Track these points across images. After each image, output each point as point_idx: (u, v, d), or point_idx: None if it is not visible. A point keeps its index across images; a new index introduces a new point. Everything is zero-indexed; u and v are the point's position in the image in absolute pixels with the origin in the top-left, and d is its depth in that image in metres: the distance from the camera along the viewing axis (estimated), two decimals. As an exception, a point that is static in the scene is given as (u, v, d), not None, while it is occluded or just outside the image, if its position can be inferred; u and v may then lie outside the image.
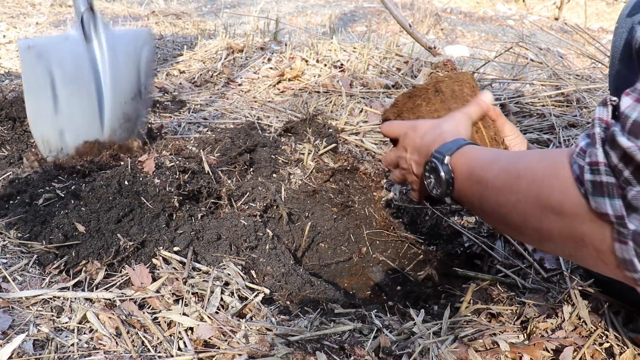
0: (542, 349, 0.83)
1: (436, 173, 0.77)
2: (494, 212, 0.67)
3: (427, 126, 0.86)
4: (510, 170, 0.64)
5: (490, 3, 7.37)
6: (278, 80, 2.10)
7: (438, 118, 0.93)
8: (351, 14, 5.46)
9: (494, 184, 0.65)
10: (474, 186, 0.70)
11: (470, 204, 0.75)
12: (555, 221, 0.55)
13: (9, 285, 0.84)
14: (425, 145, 0.83)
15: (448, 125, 0.84)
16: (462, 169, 0.73)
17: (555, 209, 0.55)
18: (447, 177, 0.75)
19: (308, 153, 1.50)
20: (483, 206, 0.70)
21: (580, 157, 0.52)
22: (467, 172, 0.72)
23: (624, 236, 0.48)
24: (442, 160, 0.75)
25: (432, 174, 0.79)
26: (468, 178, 0.72)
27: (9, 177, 1.19)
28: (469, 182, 0.72)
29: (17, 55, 2.43)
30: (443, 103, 0.94)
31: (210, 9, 5.01)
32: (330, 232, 1.37)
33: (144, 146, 1.40)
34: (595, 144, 0.50)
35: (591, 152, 0.50)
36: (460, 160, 0.74)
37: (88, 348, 0.75)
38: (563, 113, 1.88)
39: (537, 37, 3.80)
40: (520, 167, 0.62)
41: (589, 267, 0.59)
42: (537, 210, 0.58)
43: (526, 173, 0.60)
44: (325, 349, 0.78)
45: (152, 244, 1.01)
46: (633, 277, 0.49)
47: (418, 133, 0.86)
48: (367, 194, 1.47)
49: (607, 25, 6.73)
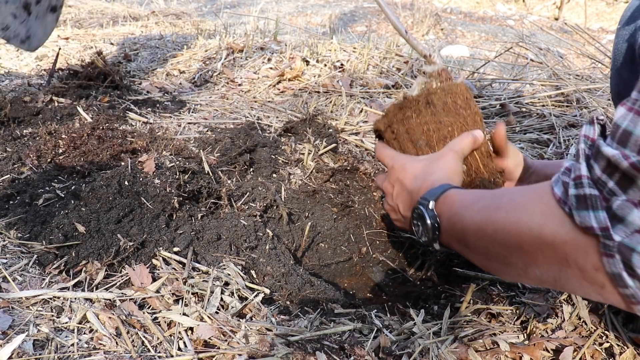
0: (542, 349, 0.83)
1: (422, 219, 0.76)
2: (477, 248, 0.67)
3: (418, 169, 0.85)
4: (490, 206, 0.64)
5: (490, 3, 7.37)
6: (278, 80, 2.10)
7: (427, 133, 0.91)
8: (351, 14, 5.45)
9: (474, 220, 0.65)
10: (457, 226, 0.70)
11: (457, 246, 0.74)
12: (537, 245, 0.55)
13: (9, 285, 0.84)
14: (415, 189, 0.82)
15: (438, 172, 0.83)
16: (447, 213, 0.73)
17: (535, 232, 0.54)
18: (432, 222, 0.74)
19: (308, 153, 1.50)
20: (467, 245, 0.69)
21: (566, 175, 0.52)
22: (451, 215, 0.72)
23: (609, 249, 0.46)
24: (427, 205, 0.75)
25: (419, 220, 0.78)
26: (450, 221, 0.72)
27: (9, 177, 1.19)
28: (452, 224, 0.71)
29: (17, 55, 2.43)
30: (434, 116, 0.91)
31: (210, 9, 5.01)
32: (330, 232, 1.37)
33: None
34: (579, 159, 0.51)
35: (575, 167, 0.50)
36: (444, 204, 0.74)
37: (88, 348, 0.75)
38: (563, 113, 1.88)
39: (537, 37, 3.80)
40: (502, 200, 0.62)
41: (574, 290, 0.58)
42: (516, 236, 0.57)
43: (507, 205, 0.60)
44: (325, 349, 0.78)
45: (152, 244, 1.01)
46: (625, 293, 0.48)
47: (408, 174, 0.86)
48: (367, 194, 1.47)
49: (607, 25, 6.73)
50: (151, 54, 2.58)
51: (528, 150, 1.63)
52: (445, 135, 0.91)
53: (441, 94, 0.91)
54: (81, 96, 1.72)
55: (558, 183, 0.53)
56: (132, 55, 2.54)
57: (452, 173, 0.83)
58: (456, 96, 0.92)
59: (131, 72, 2.26)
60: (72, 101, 1.66)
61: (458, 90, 0.92)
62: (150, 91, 1.95)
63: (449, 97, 0.92)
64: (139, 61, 2.47)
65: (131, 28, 3.27)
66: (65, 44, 2.61)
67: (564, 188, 0.51)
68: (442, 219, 0.74)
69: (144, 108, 1.71)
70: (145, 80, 2.12)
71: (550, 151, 1.60)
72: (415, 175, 0.84)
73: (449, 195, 0.75)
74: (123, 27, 3.33)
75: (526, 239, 0.56)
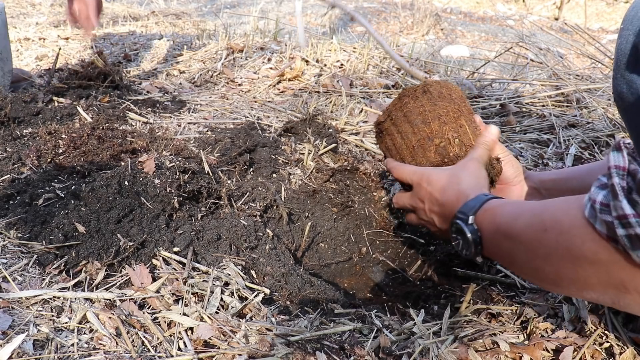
0: (542, 349, 0.83)
1: (462, 234, 0.75)
2: (527, 267, 0.66)
3: (444, 179, 0.85)
4: (535, 224, 0.63)
5: (490, 3, 7.37)
6: (278, 81, 2.10)
7: (423, 113, 0.94)
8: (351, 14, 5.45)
9: (522, 239, 0.64)
10: (503, 243, 0.69)
11: (502, 260, 0.74)
12: (591, 270, 0.54)
13: (9, 285, 0.84)
14: (449, 202, 0.82)
15: (466, 179, 0.82)
16: (488, 227, 0.72)
17: (589, 259, 0.53)
18: (473, 237, 0.73)
19: (308, 153, 1.50)
20: (515, 262, 0.69)
21: (606, 213, 0.49)
22: (493, 230, 0.71)
23: None
24: (467, 220, 0.74)
25: (458, 235, 0.77)
26: (495, 236, 0.71)
27: (9, 177, 1.19)
28: (497, 240, 0.70)
29: (17, 55, 2.43)
30: (429, 100, 0.95)
31: (210, 9, 5.01)
32: (330, 232, 1.37)
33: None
34: (618, 196, 0.47)
35: (616, 206, 0.48)
36: (485, 218, 0.73)
37: (88, 348, 0.75)
38: (563, 113, 1.88)
39: (537, 37, 3.80)
40: (545, 218, 0.61)
41: (636, 312, 0.57)
42: (570, 261, 0.56)
43: (553, 225, 0.59)
44: (325, 349, 0.78)
45: (152, 244, 1.01)
46: None
47: (435, 186, 0.85)
48: (367, 194, 1.47)
49: (607, 25, 6.73)
50: (151, 54, 2.58)
51: (528, 150, 1.63)
52: (440, 114, 0.94)
53: (437, 86, 0.97)
54: (81, 96, 1.72)
55: (596, 219, 0.50)
56: (132, 55, 2.54)
57: (481, 179, 0.83)
58: (451, 90, 0.97)
59: (131, 72, 2.26)
60: (72, 101, 1.66)
61: (453, 87, 0.98)
62: (150, 91, 1.95)
63: (444, 88, 0.97)
64: (139, 61, 2.47)
65: (131, 28, 3.27)
66: (65, 44, 2.61)
67: (607, 226, 0.49)
68: (484, 234, 0.73)
69: (144, 108, 1.71)
70: (145, 80, 2.12)
71: (550, 151, 1.60)
72: (443, 186, 0.84)
73: (489, 208, 0.73)
74: (123, 27, 3.33)
75: (580, 264, 0.54)
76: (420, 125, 0.95)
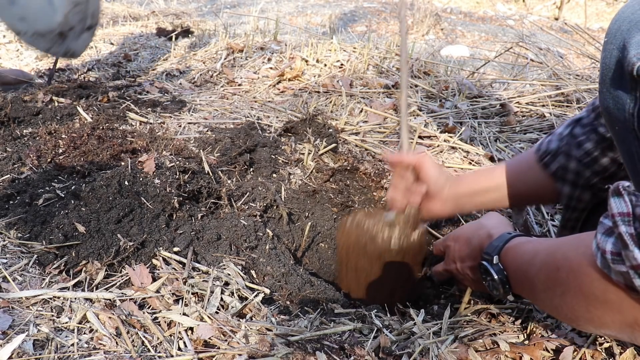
0: (542, 349, 0.83)
1: (489, 275, 0.77)
2: (548, 305, 0.67)
3: (470, 231, 0.88)
4: (549, 263, 0.64)
5: (490, 3, 7.37)
6: (278, 80, 2.10)
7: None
8: (351, 14, 5.45)
9: (539, 279, 0.65)
10: (524, 283, 0.71)
11: (528, 298, 0.75)
12: (603, 309, 0.54)
13: (9, 285, 0.84)
14: (476, 248, 0.84)
15: (489, 222, 0.85)
16: (512, 267, 0.73)
17: (600, 298, 0.53)
18: (499, 277, 0.74)
19: (308, 153, 1.50)
20: (537, 300, 0.70)
21: (619, 263, 0.48)
22: (515, 269, 0.72)
23: None
24: (492, 260, 0.75)
25: (486, 276, 0.78)
26: (517, 275, 0.72)
27: (9, 177, 1.19)
28: (519, 279, 0.72)
29: (17, 55, 2.43)
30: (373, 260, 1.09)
31: (210, 9, 5.01)
32: (330, 232, 1.37)
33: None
34: (628, 246, 0.46)
35: (628, 255, 0.47)
36: (508, 258, 0.74)
37: (88, 348, 0.75)
38: (563, 113, 1.88)
39: (537, 37, 3.80)
40: (557, 257, 0.61)
41: None
42: (583, 300, 0.56)
43: (564, 264, 0.59)
44: (325, 349, 0.78)
45: (152, 244, 1.01)
46: None
47: (461, 241, 0.88)
48: (367, 194, 1.47)
49: (607, 25, 6.72)
50: (151, 54, 2.58)
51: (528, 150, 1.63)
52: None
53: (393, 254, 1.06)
54: (81, 96, 1.72)
55: (611, 270, 0.50)
56: (132, 55, 2.54)
57: (503, 219, 0.85)
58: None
59: (131, 72, 2.26)
60: (72, 101, 1.65)
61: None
62: (150, 91, 1.95)
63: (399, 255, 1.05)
64: (139, 61, 2.47)
65: (131, 28, 3.27)
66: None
67: (624, 277, 0.48)
68: (510, 273, 0.74)
69: (144, 108, 1.71)
70: (145, 80, 2.12)
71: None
72: (470, 236, 0.87)
73: (510, 248, 0.75)
74: (123, 27, 3.33)
75: (592, 303, 0.55)
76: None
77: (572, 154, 0.87)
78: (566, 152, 0.88)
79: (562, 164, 0.89)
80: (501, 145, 1.63)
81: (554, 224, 1.29)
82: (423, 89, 2.06)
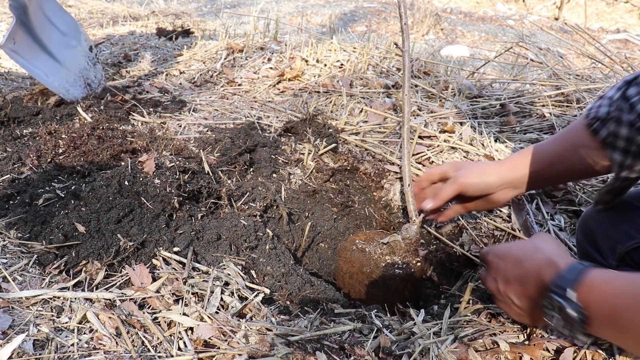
0: (542, 349, 0.83)
1: (562, 312, 0.68)
2: None
3: (521, 253, 0.78)
4: None
5: (490, 3, 7.37)
6: (278, 80, 2.10)
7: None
8: (351, 14, 5.46)
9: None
10: (620, 322, 0.63)
11: (616, 339, 0.68)
12: None
13: (9, 285, 0.84)
14: (531, 274, 0.74)
15: (544, 245, 0.76)
16: (600, 308, 0.65)
17: None
18: (578, 315, 0.66)
19: (308, 153, 1.49)
20: (629, 343, 0.63)
21: None
22: (608, 312, 0.64)
23: None
24: (565, 295, 0.67)
25: (554, 311, 0.70)
26: (610, 317, 0.64)
27: (9, 177, 1.19)
28: (613, 321, 0.64)
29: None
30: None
31: (210, 9, 5.01)
32: (330, 232, 1.37)
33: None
34: None
35: None
36: (592, 296, 0.66)
37: (88, 348, 0.75)
38: (563, 113, 1.88)
39: (537, 37, 3.80)
40: None
41: None
42: None
43: None
44: (325, 349, 0.78)
45: (152, 244, 1.01)
46: None
47: (509, 261, 0.79)
48: (367, 194, 1.47)
49: (607, 25, 6.73)
50: (151, 54, 2.58)
51: (528, 150, 1.63)
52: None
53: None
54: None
55: None
56: (132, 55, 2.54)
57: (561, 247, 0.77)
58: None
59: (131, 72, 2.26)
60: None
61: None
62: (150, 91, 1.95)
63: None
64: (138, 61, 2.47)
65: (131, 28, 3.27)
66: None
67: None
68: (592, 314, 0.65)
69: (144, 108, 1.71)
70: (145, 80, 2.12)
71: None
72: (521, 258, 0.77)
73: (593, 283, 0.66)
74: (123, 27, 3.33)
75: None
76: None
77: (623, 119, 0.82)
78: (617, 117, 0.83)
79: (612, 131, 0.84)
80: (501, 145, 1.63)
81: (554, 224, 1.29)
82: (423, 89, 2.06)
